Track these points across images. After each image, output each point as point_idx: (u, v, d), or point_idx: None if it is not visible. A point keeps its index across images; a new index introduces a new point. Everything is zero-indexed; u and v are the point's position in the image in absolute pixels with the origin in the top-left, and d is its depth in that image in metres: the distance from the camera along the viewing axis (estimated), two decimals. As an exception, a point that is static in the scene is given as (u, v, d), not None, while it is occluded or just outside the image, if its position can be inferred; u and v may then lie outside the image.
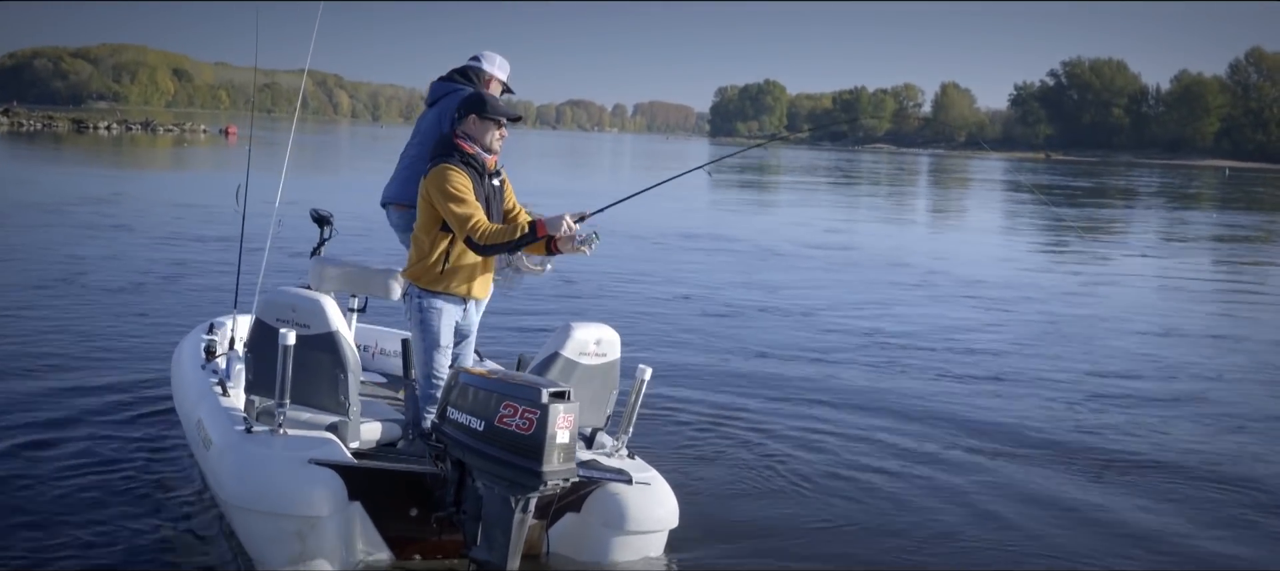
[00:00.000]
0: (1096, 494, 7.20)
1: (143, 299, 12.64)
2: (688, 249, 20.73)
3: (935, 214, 38.02)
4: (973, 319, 14.23)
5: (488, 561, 5.17)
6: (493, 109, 5.69)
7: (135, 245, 17.11)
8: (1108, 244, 27.37)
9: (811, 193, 46.39)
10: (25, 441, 6.97)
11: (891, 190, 51.48)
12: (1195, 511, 6.97)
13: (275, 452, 5.22)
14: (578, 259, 5.84)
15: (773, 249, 21.61)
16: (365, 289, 6.79)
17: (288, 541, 5.06)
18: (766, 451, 7.79)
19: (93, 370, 9.01)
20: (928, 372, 10.70)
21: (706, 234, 23.29)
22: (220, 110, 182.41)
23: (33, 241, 16.86)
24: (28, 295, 12.37)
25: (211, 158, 48.01)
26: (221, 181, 6.97)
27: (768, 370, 10.50)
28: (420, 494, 5.42)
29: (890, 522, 6.52)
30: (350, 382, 5.50)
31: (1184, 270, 21.91)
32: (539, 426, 4.75)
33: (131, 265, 15.13)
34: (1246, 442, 8.68)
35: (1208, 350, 12.78)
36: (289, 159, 7.01)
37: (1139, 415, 9.31)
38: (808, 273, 18.42)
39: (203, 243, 17.43)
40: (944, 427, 8.60)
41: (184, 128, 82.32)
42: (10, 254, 15.45)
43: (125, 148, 54.64)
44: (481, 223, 5.45)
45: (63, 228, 18.80)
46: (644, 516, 5.53)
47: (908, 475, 7.41)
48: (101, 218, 20.72)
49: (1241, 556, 6.29)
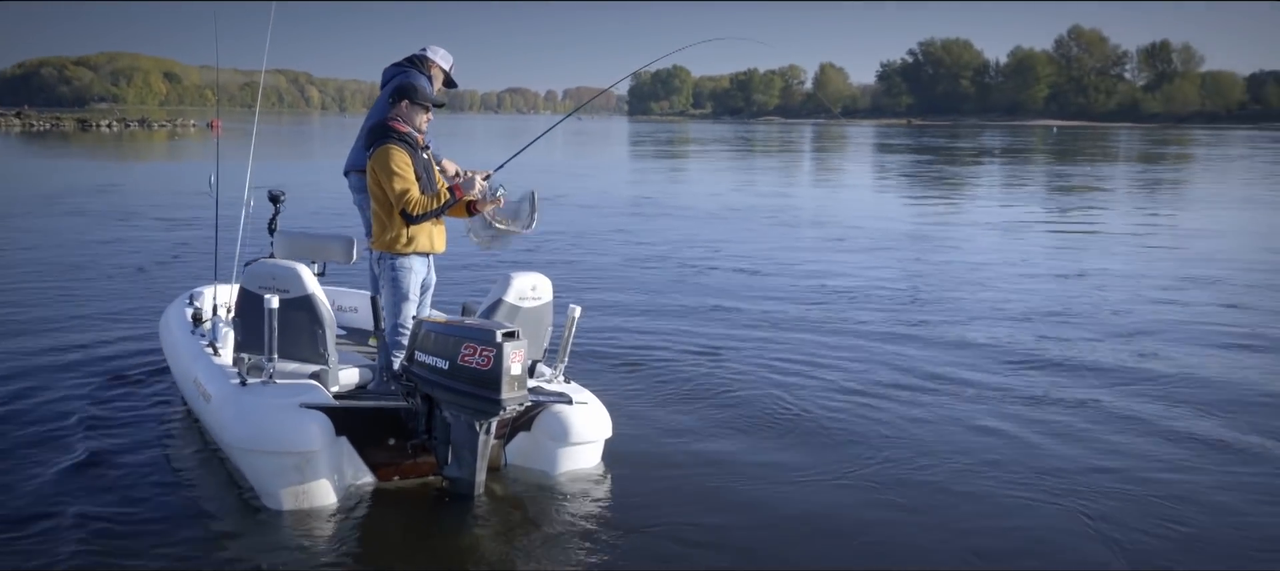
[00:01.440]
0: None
1: (130, 270, 12.32)
2: (622, 213, 20.58)
3: (834, 175, 38.09)
4: (865, 263, 14.31)
5: (459, 477, 5.27)
6: (422, 96, 5.75)
7: (124, 224, 16.67)
8: (962, 196, 27.84)
9: (725, 160, 46.45)
10: (21, 387, 6.93)
11: (789, 156, 51.68)
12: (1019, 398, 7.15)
13: (270, 400, 5.18)
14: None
15: (696, 208, 21.51)
16: (325, 255, 6.77)
17: (288, 473, 5.06)
18: (685, 369, 7.86)
19: (85, 331, 8.86)
20: (802, 299, 10.81)
21: (628, 198, 23.27)
22: (206, 107, 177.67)
23: (39, 224, 16.41)
24: (34, 268, 12.10)
25: (197, 149, 46.83)
26: (204, 169, 6.87)
27: (686, 305, 10.51)
28: (396, 426, 5.44)
29: (790, 419, 6.59)
30: (328, 337, 5.48)
31: (1027, 215, 22.27)
32: (495, 362, 4.85)
33: (123, 242, 14.75)
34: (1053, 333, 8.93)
35: (1063, 281, 13.05)
36: (254, 147, 6.89)
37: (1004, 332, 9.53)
38: (721, 227, 18.30)
39: (184, 221, 16.95)
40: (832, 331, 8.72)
41: (175, 123, 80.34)
42: (22, 233, 15.06)
43: (124, 142, 53.15)
44: (413, 196, 5.56)
45: (60, 214, 18.32)
46: (584, 430, 5.62)
47: (809, 380, 7.47)
48: (95, 202, 20.22)
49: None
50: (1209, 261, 14.30)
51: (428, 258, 5.82)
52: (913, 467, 5.89)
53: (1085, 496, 5.45)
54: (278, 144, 53.27)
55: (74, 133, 63.80)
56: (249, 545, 4.78)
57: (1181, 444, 6.34)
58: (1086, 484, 5.63)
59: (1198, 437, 6.45)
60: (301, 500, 5.07)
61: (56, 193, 22.46)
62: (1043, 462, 5.97)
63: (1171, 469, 5.92)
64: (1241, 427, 6.63)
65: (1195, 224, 19.83)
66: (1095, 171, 38.71)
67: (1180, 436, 6.47)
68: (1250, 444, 6.34)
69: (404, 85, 5.84)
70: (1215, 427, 6.63)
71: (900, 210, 22.69)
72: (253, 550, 4.73)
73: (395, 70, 6.51)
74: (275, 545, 4.77)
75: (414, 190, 5.56)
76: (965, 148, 58.47)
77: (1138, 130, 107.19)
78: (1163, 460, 6.07)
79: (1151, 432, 6.56)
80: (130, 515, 5.02)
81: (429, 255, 5.82)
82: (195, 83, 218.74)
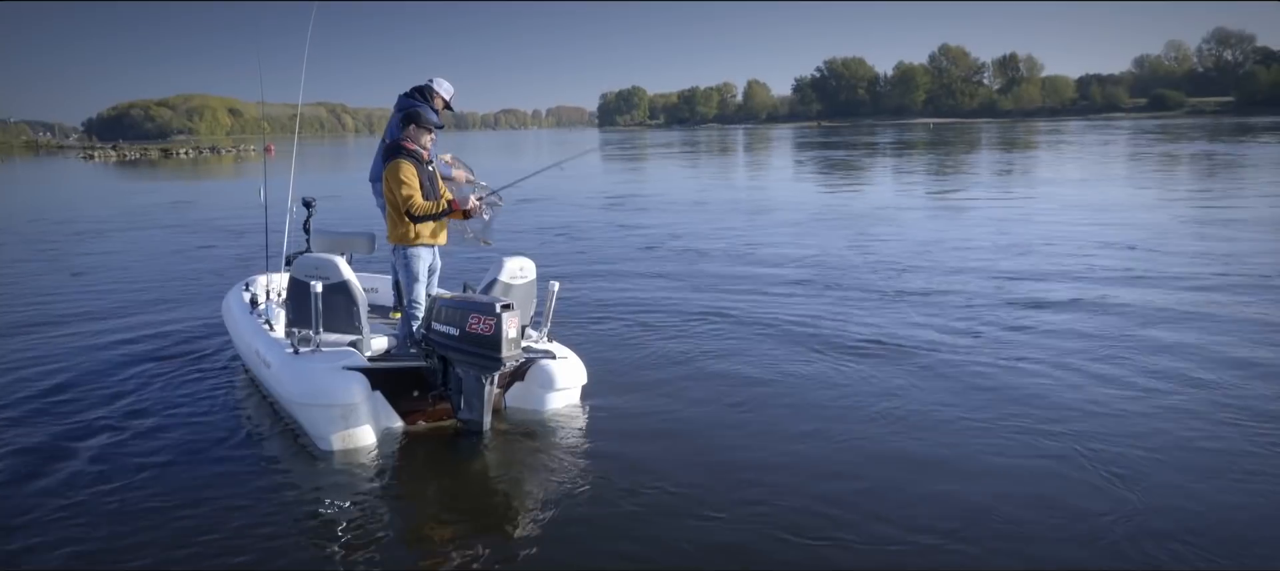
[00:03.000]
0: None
1: (196, 264, 12.16)
2: (596, 208, 20.28)
3: (774, 170, 37.90)
4: (810, 239, 14.22)
5: (470, 419, 5.30)
6: (425, 122, 5.73)
7: (192, 229, 16.43)
8: (869, 181, 27.85)
9: (679, 160, 46.20)
10: (114, 357, 6.87)
11: (726, 156, 51.50)
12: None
13: (319, 365, 5.18)
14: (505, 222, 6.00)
15: (660, 198, 21.37)
16: (351, 248, 6.72)
17: (335, 422, 5.07)
18: (644, 326, 7.85)
19: (163, 312, 8.86)
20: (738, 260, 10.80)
21: (604, 194, 23.07)
22: (263, 135, 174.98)
23: (128, 230, 16.14)
24: (123, 263, 11.96)
25: (255, 168, 46.06)
26: (259, 184, 6.77)
27: (649, 276, 10.46)
28: (419, 381, 5.45)
29: (727, 355, 6.62)
30: (361, 313, 5.46)
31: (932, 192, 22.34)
32: (496, 328, 4.88)
33: (191, 241, 14.57)
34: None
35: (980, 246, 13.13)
36: (295, 165, 6.82)
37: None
38: (676, 216, 17.90)
39: (239, 225, 16.68)
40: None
41: (238, 149, 79.19)
42: (113, 235, 14.85)
43: (198, 165, 52.19)
44: (416, 201, 5.57)
45: (144, 224, 18.02)
46: (565, 379, 5.65)
47: (742, 328, 7.48)
48: (171, 213, 19.87)
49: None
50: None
51: (433, 248, 5.80)
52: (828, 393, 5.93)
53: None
54: (319, 160, 52.47)
55: (158, 160, 62.54)
56: (307, 478, 4.79)
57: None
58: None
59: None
60: (347, 442, 5.08)
61: (143, 207, 22.05)
62: (999, 401, 5.68)
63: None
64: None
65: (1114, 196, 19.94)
66: (969, 156, 38.89)
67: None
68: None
69: (412, 113, 5.81)
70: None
71: (829, 192, 22.61)
72: (310, 482, 4.74)
73: (406, 98, 6.42)
74: (328, 478, 4.78)
75: (417, 196, 5.57)
76: (883, 142, 58.30)
77: (995, 123, 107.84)
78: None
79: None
80: (208, 455, 5.02)
81: (433, 246, 5.80)
82: (254, 115, 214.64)
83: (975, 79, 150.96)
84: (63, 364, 6.87)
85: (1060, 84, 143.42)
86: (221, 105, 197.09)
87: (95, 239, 15.49)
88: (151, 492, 4.54)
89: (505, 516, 4.38)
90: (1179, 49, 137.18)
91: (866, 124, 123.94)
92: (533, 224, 15.66)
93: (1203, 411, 5.45)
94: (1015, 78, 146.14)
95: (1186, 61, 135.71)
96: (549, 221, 16.37)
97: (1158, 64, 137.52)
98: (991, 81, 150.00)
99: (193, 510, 4.33)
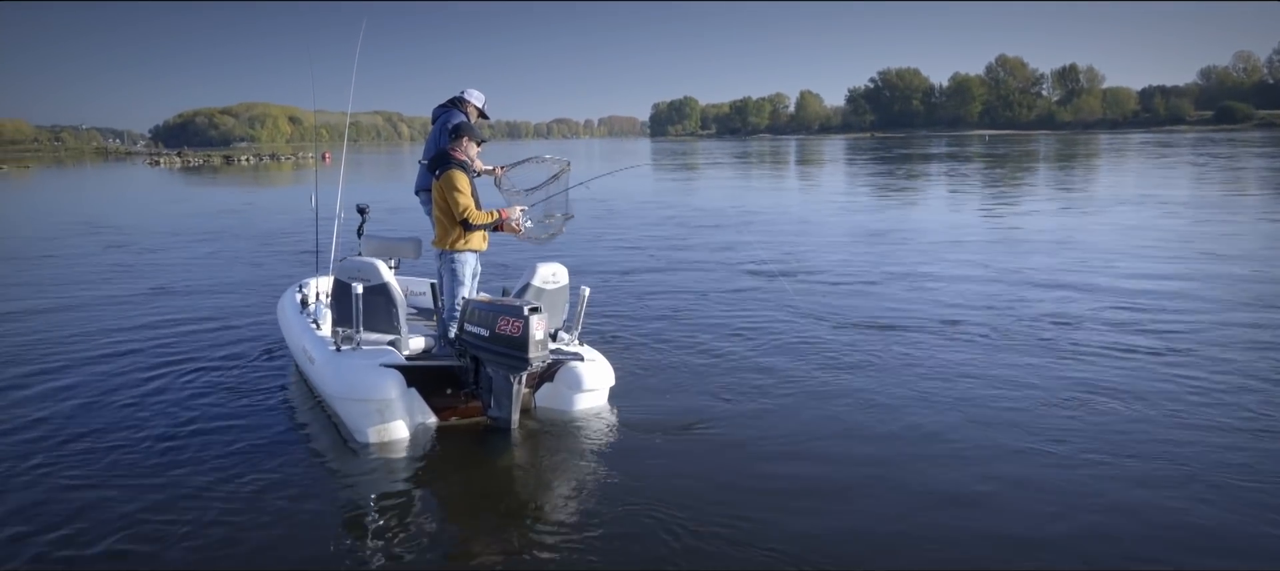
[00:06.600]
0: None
1: (253, 266, 12.59)
2: (637, 215, 20.12)
3: (828, 187, 37.74)
4: (848, 251, 14.07)
5: (499, 417, 5.45)
6: (473, 134, 5.91)
7: (252, 235, 16.96)
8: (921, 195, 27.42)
9: (732, 170, 46.09)
10: (176, 354, 7.17)
11: (781, 169, 51.20)
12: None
13: (358, 362, 5.39)
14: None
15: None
16: (399, 254, 6.93)
17: (373, 416, 5.26)
18: (671, 332, 7.94)
19: (224, 311, 9.22)
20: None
21: (654, 201, 23.02)
22: (321, 143, 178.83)
23: (192, 234, 16.76)
24: (184, 264, 12.38)
25: (312, 175, 47.19)
26: (313, 192, 7.04)
27: (675, 288, 10.50)
28: (452, 379, 5.64)
29: (751, 365, 6.68)
30: (399, 314, 5.66)
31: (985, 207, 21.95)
32: (525, 330, 5.03)
33: (251, 244, 15.06)
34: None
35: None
36: (344, 173, 7.09)
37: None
38: (714, 232, 17.80)
39: (295, 230, 17.05)
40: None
41: (297, 156, 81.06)
42: (177, 239, 15.43)
43: (259, 171, 53.69)
44: (471, 210, 5.72)
45: (204, 229, 18.68)
46: (593, 380, 5.75)
47: (768, 339, 7.52)
48: (230, 218, 20.54)
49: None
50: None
51: (477, 254, 5.97)
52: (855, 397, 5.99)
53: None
54: (374, 168, 53.54)
55: (221, 166, 64.47)
56: (345, 468, 5.02)
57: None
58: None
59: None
60: (383, 435, 5.29)
61: (205, 211, 22.81)
62: (1021, 422, 5.54)
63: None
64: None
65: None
66: (1021, 166, 38.04)
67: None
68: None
69: (461, 125, 5.98)
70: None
71: (874, 205, 22.40)
72: (349, 470, 4.98)
73: (442, 110, 6.54)
74: (365, 468, 5.01)
75: (472, 205, 5.74)
76: (936, 153, 57.12)
77: (1054, 135, 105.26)
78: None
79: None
80: (257, 443, 5.30)
81: (478, 253, 5.97)
82: (312, 124, 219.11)
83: (1033, 90, 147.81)
84: (131, 362, 7.24)
85: (1122, 95, 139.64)
86: (282, 113, 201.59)
87: (172, 246, 15.87)
88: (192, 472, 4.85)
89: (528, 511, 4.53)
90: (1248, 60, 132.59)
91: (921, 135, 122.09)
92: (580, 228, 15.60)
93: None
94: (1075, 89, 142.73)
95: (1256, 72, 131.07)
96: (595, 231, 16.52)
97: (1225, 75, 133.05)
98: (1051, 92, 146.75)
99: (226, 502, 4.53)
